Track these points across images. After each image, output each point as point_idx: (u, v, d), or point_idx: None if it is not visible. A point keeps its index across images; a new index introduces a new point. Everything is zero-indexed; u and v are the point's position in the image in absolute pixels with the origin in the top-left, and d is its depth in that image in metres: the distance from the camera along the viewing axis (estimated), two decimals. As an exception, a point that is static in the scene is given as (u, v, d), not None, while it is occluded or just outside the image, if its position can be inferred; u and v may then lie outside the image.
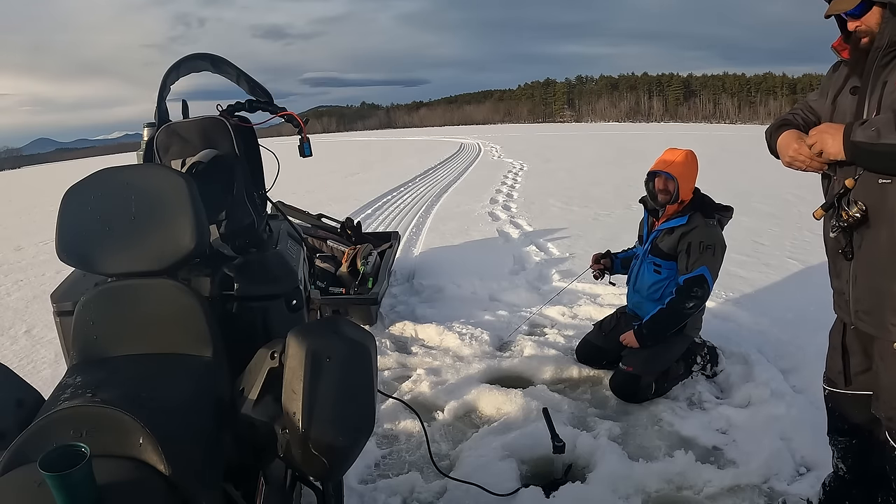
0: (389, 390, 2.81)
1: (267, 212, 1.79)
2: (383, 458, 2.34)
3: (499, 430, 2.42)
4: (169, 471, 0.93)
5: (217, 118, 1.61)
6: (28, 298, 4.91)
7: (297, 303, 1.50)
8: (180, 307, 1.25)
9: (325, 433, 1.03)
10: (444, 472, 2.14)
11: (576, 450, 2.24)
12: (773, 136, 1.61)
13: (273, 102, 1.77)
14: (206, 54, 1.74)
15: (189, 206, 1.27)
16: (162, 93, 1.63)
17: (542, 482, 2.11)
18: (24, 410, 1.14)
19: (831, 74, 1.57)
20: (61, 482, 0.81)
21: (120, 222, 1.27)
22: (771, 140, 1.63)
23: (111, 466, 0.91)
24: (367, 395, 1.11)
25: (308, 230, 4.34)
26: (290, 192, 7.85)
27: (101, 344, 1.24)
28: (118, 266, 1.26)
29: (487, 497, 2.02)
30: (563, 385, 2.89)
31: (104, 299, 1.25)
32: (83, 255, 1.26)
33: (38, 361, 3.44)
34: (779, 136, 1.58)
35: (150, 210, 1.27)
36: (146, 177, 1.32)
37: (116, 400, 1.01)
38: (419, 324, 3.62)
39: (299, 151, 1.82)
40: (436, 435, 2.47)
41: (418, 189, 10.82)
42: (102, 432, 0.95)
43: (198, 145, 1.58)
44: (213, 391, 1.18)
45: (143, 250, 1.25)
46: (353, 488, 2.09)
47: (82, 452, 0.84)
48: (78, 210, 1.28)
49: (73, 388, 1.11)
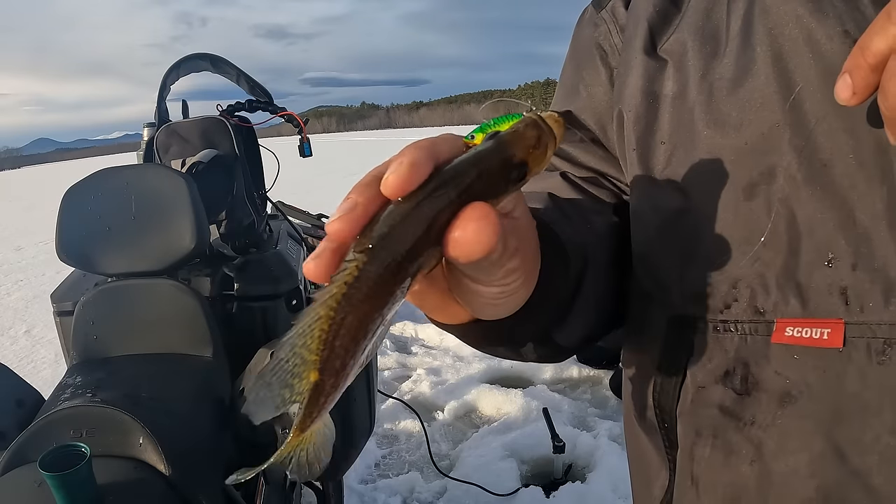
0: (389, 390, 2.81)
1: (267, 212, 1.80)
2: (383, 458, 2.34)
3: (499, 430, 2.42)
4: (169, 471, 0.93)
5: (217, 118, 1.61)
6: (28, 298, 4.91)
7: (298, 303, 1.50)
8: (180, 307, 1.25)
9: (325, 433, 1.03)
10: (444, 472, 2.14)
11: (576, 450, 2.24)
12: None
13: (273, 102, 1.77)
14: (205, 54, 1.74)
15: (189, 206, 1.27)
16: (162, 93, 1.63)
17: (542, 482, 2.11)
18: (24, 410, 1.14)
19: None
20: (61, 482, 0.81)
21: (120, 222, 1.27)
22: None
23: (111, 466, 0.91)
24: (367, 396, 1.12)
25: (308, 230, 4.33)
26: (290, 193, 7.87)
27: (101, 344, 1.24)
28: (118, 266, 1.26)
29: (487, 497, 2.02)
30: (563, 385, 2.89)
31: (104, 299, 1.25)
32: (83, 255, 1.26)
33: (38, 361, 3.44)
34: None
35: (150, 210, 1.27)
36: (146, 177, 1.32)
37: (116, 400, 1.02)
38: (419, 324, 3.62)
39: (299, 151, 1.82)
40: (436, 435, 2.47)
41: (418, 189, 10.82)
42: (102, 432, 0.95)
43: (198, 145, 1.58)
44: (213, 391, 1.18)
45: (143, 250, 1.26)
46: (353, 488, 2.09)
47: (82, 452, 0.84)
48: (78, 210, 1.28)
49: (73, 388, 1.11)
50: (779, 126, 0.36)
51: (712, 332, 0.40)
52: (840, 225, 0.34)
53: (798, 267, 0.36)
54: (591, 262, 0.44)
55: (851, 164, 0.34)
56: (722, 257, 0.38)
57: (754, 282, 0.37)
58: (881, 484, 0.34)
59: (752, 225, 0.37)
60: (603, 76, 0.49)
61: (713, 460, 0.40)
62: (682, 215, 0.41)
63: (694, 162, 0.39)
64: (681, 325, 0.42)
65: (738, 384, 0.39)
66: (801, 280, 0.36)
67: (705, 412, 0.40)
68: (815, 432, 0.36)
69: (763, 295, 0.37)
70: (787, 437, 0.37)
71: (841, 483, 0.35)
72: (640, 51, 0.43)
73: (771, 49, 0.36)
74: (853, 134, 0.33)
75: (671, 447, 0.44)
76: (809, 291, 0.35)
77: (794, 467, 0.36)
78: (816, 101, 0.34)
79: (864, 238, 0.34)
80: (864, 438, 0.34)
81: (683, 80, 0.40)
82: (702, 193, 0.39)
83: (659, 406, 0.44)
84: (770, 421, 0.37)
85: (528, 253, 0.33)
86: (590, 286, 0.44)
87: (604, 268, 0.46)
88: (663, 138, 0.41)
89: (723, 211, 0.38)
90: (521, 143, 0.26)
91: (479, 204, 0.24)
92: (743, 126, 0.37)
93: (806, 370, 0.36)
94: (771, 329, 0.37)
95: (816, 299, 0.35)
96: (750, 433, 0.38)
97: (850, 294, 0.34)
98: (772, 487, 0.37)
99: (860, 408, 0.34)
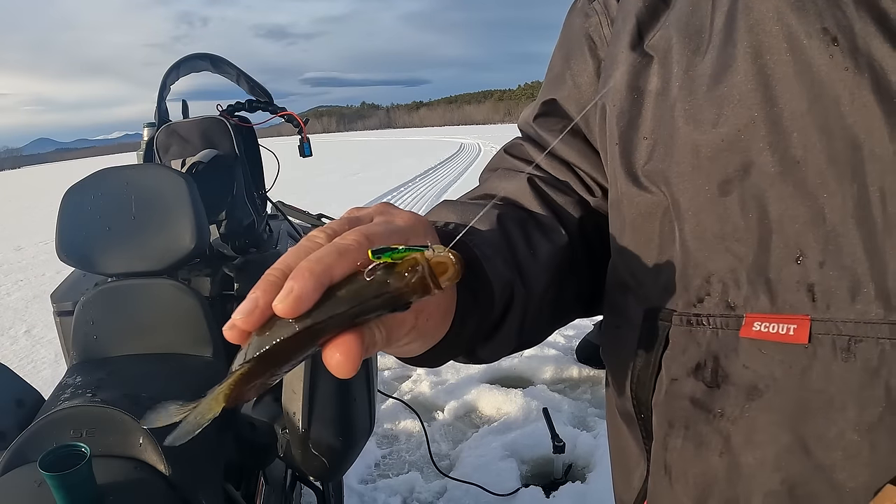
0: (389, 390, 2.81)
1: (267, 212, 1.80)
2: (383, 458, 2.34)
3: (499, 430, 2.42)
4: (169, 471, 0.93)
5: (217, 118, 1.61)
6: (28, 298, 4.91)
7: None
8: (180, 307, 1.25)
9: (324, 433, 1.03)
10: (444, 472, 2.14)
11: (576, 450, 2.24)
12: None
13: (273, 102, 1.77)
14: (206, 54, 1.74)
15: (189, 206, 1.27)
16: (162, 93, 1.63)
17: (542, 482, 2.11)
18: (24, 410, 1.14)
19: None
20: (61, 482, 0.81)
21: (120, 222, 1.27)
22: None
23: (111, 466, 0.91)
24: (367, 396, 1.12)
25: (308, 230, 4.34)
26: (290, 192, 7.88)
27: (101, 344, 1.24)
28: (118, 266, 1.26)
29: (487, 497, 2.02)
30: (563, 385, 2.89)
31: (104, 299, 1.25)
32: (83, 255, 1.26)
33: (38, 361, 3.44)
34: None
35: (150, 210, 1.27)
36: (146, 177, 1.32)
37: (116, 400, 1.02)
38: (419, 324, 3.62)
39: (299, 151, 1.82)
40: (436, 435, 2.48)
41: (418, 189, 10.82)
42: (102, 432, 0.95)
43: (198, 145, 1.58)
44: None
45: (143, 250, 1.26)
46: (353, 488, 2.09)
47: (82, 452, 0.84)
48: (78, 210, 1.28)
49: (73, 388, 1.11)
50: (754, 123, 0.36)
51: (686, 326, 0.40)
52: (810, 222, 0.34)
53: (769, 263, 0.36)
54: (517, 296, 0.46)
55: (823, 162, 0.34)
56: (696, 252, 0.39)
57: (726, 277, 0.38)
58: (845, 479, 0.34)
59: (725, 221, 0.37)
60: (590, 67, 0.50)
61: (685, 451, 0.41)
62: (658, 209, 0.42)
63: (673, 157, 0.40)
64: (656, 318, 0.42)
65: (708, 377, 0.39)
66: (770, 276, 0.36)
67: (678, 404, 0.41)
68: (781, 426, 0.36)
69: (735, 290, 0.38)
70: (755, 430, 0.37)
71: (806, 477, 0.35)
72: (627, 46, 0.44)
73: (751, 45, 0.36)
74: (826, 131, 0.34)
75: (648, 438, 0.45)
76: (778, 287, 0.36)
77: (761, 459, 0.37)
78: (792, 99, 0.35)
79: (833, 236, 0.34)
80: (828, 434, 0.34)
81: (667, 76, 0.41)
82: (679, 188, 0.40)
83: (636, 397, 0.45)
84: (738, 414, 0.38)
85: (433, 322, 0.36)
86: (515, 317, 0.46)
87: (539, 296, 0.48)
88: (646, 133, 0.42)
89: (698, 206, 0.39)
90: (403, 284, 0.28)
91: (343, 339, 0.28)
92: (720, 122, 0.37)
93: (773, 365, 0.36)
94: (740, 323, 0.37)
95: (785, 295, 0.36)
96: (719, 425, 0.39)
97: (817, 291, 0.34)
98: (740, 479, 0.38)
99: (825, 404, 0.35)
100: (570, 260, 0.50)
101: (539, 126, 0.55)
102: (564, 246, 0.49)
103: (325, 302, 0.27)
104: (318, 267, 0.28)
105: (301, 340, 0.27)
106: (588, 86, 0.50)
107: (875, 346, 0.33)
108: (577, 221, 0.51)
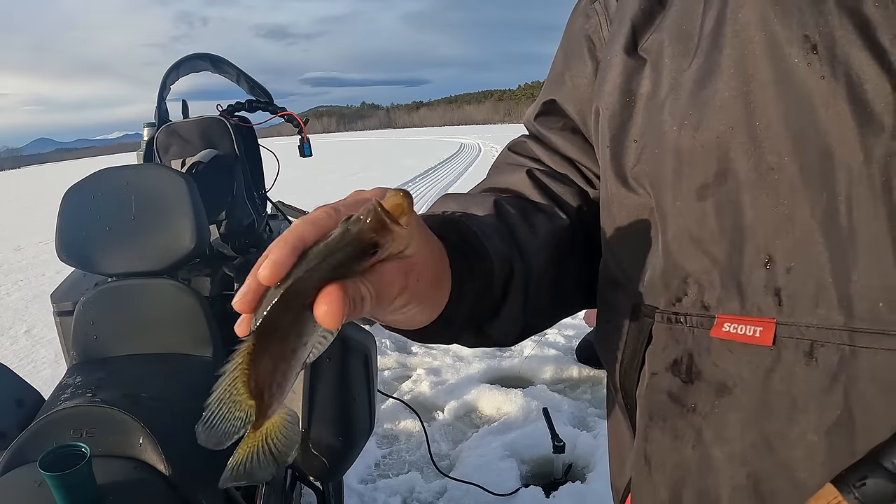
0: (389, 390, 2.81)
1: (267, 212, 1.80)
2: (383, 458, 2.34)
3: (499, 430, 2.42)
4: (169, 471, 0.93)
5: (217, 118, 1.61)
6: (28, 298, 4.91)
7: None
8: (180, 307, 1.25)
9: (325, 433, 1.03)
10: (444, 472, 2.14)
11: (576, 450, 2.24)
12: None
13: (273, 102, 1.77)
14: (206, 54, 1.74)
15: (189, 206, 1.27)
16: (162, 93, 1.63)
17: (542, 482, 2.11)
18: (24, 410, 1.14)
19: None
20: (61, 482, 0.81)
21: (120, 222, 1.27)
22: None
23: (111, 466, 0.91)
24: (367, 396, 1.12)
25: (308, 230, 4.34)
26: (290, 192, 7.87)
27: (101, 344, 1.24)
28: (118, 266, 1.26)
29: (487, 497, 2.02)
30: (563, 385, 2.89)
31: (104, 299, 1.25)
32: (83, 255, 1.26)
33: (38, 361, 3.44)
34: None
35: (150, 210, 1.27)
36: (146, 177, 1.32)
37: (116, 400, 1.02)
38: (419, 324, 3.62)
39: (299, 151, 1.82)
40: (436, 435, 2.48)
41: (418, 189, 10.83)
42: (102, 432, 0.95)
43: (198, 145, 1.58)
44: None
45: (143, 250, 1.26)
46: (353, 488, 2.09)
47: (82, 452, 0.84)
48: (78, 210, 1.28)
49: (73, 388, 1.11)
50: (733, 129, 0.36)
51: (666, 323, 0.42)
52: (779, 228, 0.35)
53: (741, 267, 0.37)
54: (517, 271, 0.47)
55: (796, 170, 0.34)
56: (676, 253, 0.41)
57: (702, 278, 0.39)
58: (806, 478, 0.35)
59: (703, 224, 0.39)
60: (589, 68, 0.51)
61: (663, 442, 0.43)
62: (645, 211, 0.43)
63: (659, 160, 0.41)
64: (641, 314, 0.44)
65: (683, 373, 0.41)
66: (742, 279, 0.37)
67: (657, 397, 0.43)
68: (747, 424, 0.37)
69: (710, 291, 0.39)
70: (724, 426, 0.39)
71: (770, 473, 0.37)
72: (622, 49, 0.44)
73: (735, 51, 0.37)
74: (801, 139, 0.34)
75: (635, 428, 0.47)
76: (748, 290, 0.37)
77: (729, 454, 0.38)
78: (770, 106, 0.35)
79: (801, 243, 0.35)
80: (790, 434, 0.36)
81: (657, 80, 0.42)
82: (662, 191, 0.41)
83: (624, 389, 0.47)
84: (709, 409, 0.40)
85: (425, 282, 0.36)
86: (517, 293, 0.47)
87: (539, 273, 0.49)
88: (636, 136, 0.43)
89: (678, 210, 0.40)
90: (365, 229, 0.30)
91: (327, 290, 0.29)
92: (701, 127, 0.38)
93: (741, 365, 0.38)
94: (713, 323, 0.39)
95: (753, 298, 0.37)
96: (692, 419, 0.41)
97: (783, 295, 0.36)
98: (710, 471, 0.40)
99: (788, 404, 0.36)
100: (569, 241, 0.51)
101: (540, 124, 0.57)
102: (564, 227, 0.51)
103: (300, 262, 0.30)
104: (291, 235, 0.30)
105: (289, 302, 0.29)
106: (586, 87, 0.51)
107: (836, 352, 0.34)
108: (575, 210, 0.53)
